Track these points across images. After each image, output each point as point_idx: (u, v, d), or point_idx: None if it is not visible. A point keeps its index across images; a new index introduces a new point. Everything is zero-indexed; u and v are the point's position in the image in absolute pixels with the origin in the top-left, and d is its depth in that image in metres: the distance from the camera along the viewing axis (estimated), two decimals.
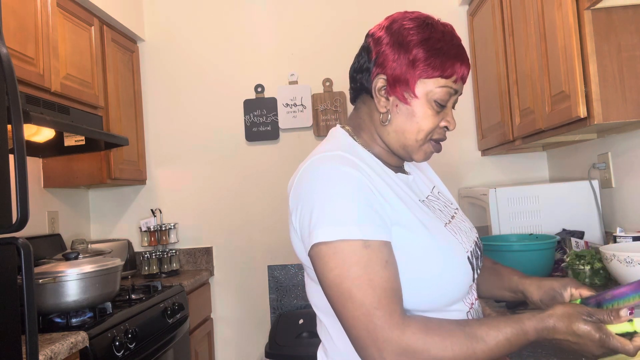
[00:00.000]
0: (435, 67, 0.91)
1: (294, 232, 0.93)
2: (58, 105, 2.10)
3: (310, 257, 0.86)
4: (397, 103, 0.94)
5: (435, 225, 0.93)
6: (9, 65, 1.20)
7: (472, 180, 2.88)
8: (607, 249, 1.49)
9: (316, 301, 0.96)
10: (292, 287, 2.89)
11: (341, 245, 0.82)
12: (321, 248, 0.83)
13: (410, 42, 0.92)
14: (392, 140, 0.97)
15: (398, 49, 0.92)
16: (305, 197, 0.88)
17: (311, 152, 0.98)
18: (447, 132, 0.99)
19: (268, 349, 2.54)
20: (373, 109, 0.98)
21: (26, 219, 1.19)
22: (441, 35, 0.93)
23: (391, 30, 0.95)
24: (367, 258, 0.81)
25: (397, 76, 0.92)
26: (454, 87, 0.94)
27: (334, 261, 0.82)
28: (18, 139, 1.19)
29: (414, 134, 0.94)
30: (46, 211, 2.55)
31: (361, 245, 0.82)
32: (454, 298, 0.91)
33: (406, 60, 0.91)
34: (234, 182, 2.98)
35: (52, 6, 2.11)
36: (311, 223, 0.85)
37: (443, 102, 0.93)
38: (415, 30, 0.92)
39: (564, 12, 1.56)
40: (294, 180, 0.94)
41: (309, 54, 2.96)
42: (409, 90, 0.92)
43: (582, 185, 2.11)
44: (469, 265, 0.94)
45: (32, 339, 1.18)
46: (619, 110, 1.49)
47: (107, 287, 1.81)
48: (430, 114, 0.93)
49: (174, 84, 3.02)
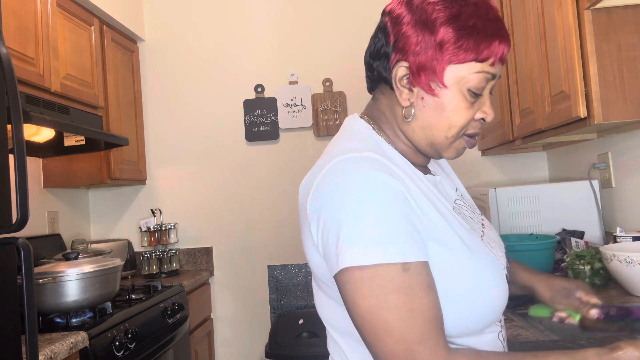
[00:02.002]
0: (468, 50, 0.76)
1: (312, 245, 0.79)
2: (58, 105, 2.10)
3: (337, 280, 0.74)
4: (422, 95, 0.79)
5: (474, 240, 0.81)
6: (9, 65, 1.20)
7: (472, 180, 2.88)
8: (607, 249, 1.49)
9: (331, 320, 0.85)
10: (292, 287, 2.89)
11: (377, 269, 0.69)
12: (353, 272, 0.70)
13: (437, 20, 0.76)
14: (418, 138, 0.83)
15: (422, 29, 0.77)
16: (331, 208, 0.74)
17: (329, 149, 0.84)
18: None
19: (268, 349, 2.54)
20: (394, 101, 0.84)
21: (26, 219, 1.19)
22: (474, 9, 0.76)
23: (412, 5, 0.79)
24: (407, 284, 0.70)
25: (422, 63, 0.77)
26: (491, 71, 0.78)
27: (369, 288, 0.70)
28: (18, 139, 1.18)
29: (444, 131, 0.80)
30: (46, 211, 2.54)
31: (400, 269, 0.70)
32: (491, 320, 0.81)
33: (432, 43, 0.76)
34: (234, 182, 2.98)
35: (52, 6, 2.11)
36: (340, 242, 0.71)
37: (478, 90, 0.78)
38: (442, 4, 0.77)
39: (564, 12, 1.55)
40: (312, 184, 0.78)
41: (309, 54, 2.96)
42: (436, 80, 0.77)
43: (582, 185, 2.11)
44: (506, 282, 0.84)
45: (32, 339, 1.18)
46: (619, 110, 1.49)
47: (107, 287, 1.81)
48: (464, 106, 0.78)
49: (174, 84, 3.02)
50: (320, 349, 2.42)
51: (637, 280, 1.38)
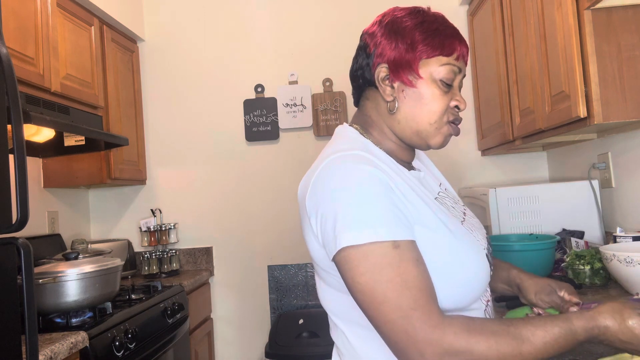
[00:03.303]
0: (434, 46, 0.91)
1: (313, 236, 0.89)
2: (58, 105, 2.10)
3: (337, 262, 0.83)
4: (402, 88, 0.93)
5: (454, 223, 0.92)
6: (9, 65, 1.20)
7: (472, 180, 2.88)
8: (607, 249, 1.49)
9: (332, 307, 0.94)
10: (292, 287, 2.89)
11: (371, 247, 0.79)
12: (349, 252, 0.80)
13: (406, 28, 0.92)
14: (403, 128, 0.95)
15: (395, 37, 0.92)
16: (326, 200, 0.84)
17: (323, 152, 0.95)
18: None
19: (268, 349, 2.54)
20: (378, 101, 0.97)
21: (26, 219, 1.19)
22: (434, 18, 0.93)
23: (383, 22, 0.95)
24: (398, 259, 0.79)
25: (398, 61, 0.92)
26: (456, 64, 0.93)
27: (365, 265, 0.79)
28: (18, 139, 1.18)
29: (425, 118, 0.93)
30: (46, 211, 2.55)
31: (391, 246, 0.79)
32: (476, 296, 0.90)
33: (404, 45, 0.91)
34: (234, 182, 2.98)
35: (52, 6, 2.11)
36: (336, 227, 0.81)
37: (449, 80, 0.92)
38: (408, 16, 0.93)
39: (564, 12, 1.55)
40: (309, 183, 0.89)
41: (309, 54, 2.96)
42: (412, 73, 0.91)
43: (582, 185, 2.11)
44: (487, 262, 0.93)
45: (32, 339, 1.18)
46: (619, 110, 1.49)
47: (107, 287, 1.81)
48: (439, 93, 0.92)
49: (174, 84, 3.02)
50: (320, 349, 2.42)
51: (637, 280, 1.38)
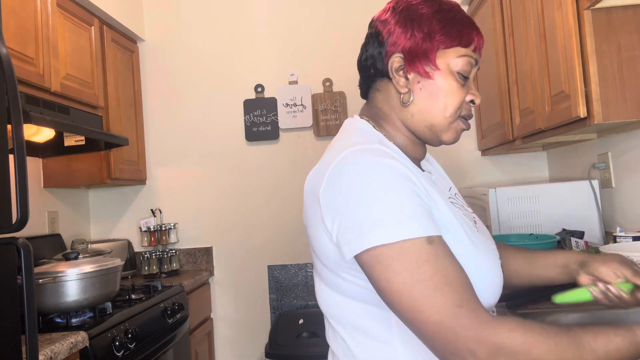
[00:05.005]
0: (453, 36, 0.85)
1: (325, 234, 0.81)
2: (58, 105, 2.10)
3: (364, 262, 0.75)
4: (418, 79, 0.87)
5: (471, 229, 0.87)
6: (9, 65, 1.20)
7: (472, 180, 2.88)
8: (607, 249, 1.49)
9: (332, 311, 0.87)
10: (292, 287, 2.89)
11: (405, 244, 0.72)
12: (381, 251, 0.73)
13: (422, 16, 0.86)
14: (417, 122, 0.89)
15: (411, 25, 0.86)
16: (346, 197, 0.77)
17: (334, 145, 0.89)
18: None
19: (268, 349, 2.54)
20: (390, 93, 0.91)
21: (26, 219, 1.19)
22: (450, 7, 0.88)
23: (397, 9, 0.89)
24: (435, 254, 0.73)
25: (414, 50, 0.86)
26: (473, 56, 0.88)
27: (400, 264, 0.72)
28: (18, 139, 1.18)
29: (440, 111, 0.87)
30: (46, 211, 2.55)
31: (425, 241, 0.73)
32: (491, 304, 0.85)
33: (421, 34, 0.85)
34: (234, 182, 2.98)
35: (52, 6, 2.11)
36: (363, 226, 0.74)
37: (466, 73, 0.87)
38: (424, 4, 0.88)
39: (564, 12, 1.55)
40: (322, 176, 0.82)
41: (309, 54, 2.96)
42: (429, 63, 0.86)
43: (582, 185, 2.11)
44: (501, 271, 0.89)
45: (32, 339, 1.18)
46: (619, 110, 1.49)
47: (107, 287, 1.81)
48: (456, 86, 0.86)
49: (174, 84, 3.02)
50: (320, 349, 2.42)
51: None
